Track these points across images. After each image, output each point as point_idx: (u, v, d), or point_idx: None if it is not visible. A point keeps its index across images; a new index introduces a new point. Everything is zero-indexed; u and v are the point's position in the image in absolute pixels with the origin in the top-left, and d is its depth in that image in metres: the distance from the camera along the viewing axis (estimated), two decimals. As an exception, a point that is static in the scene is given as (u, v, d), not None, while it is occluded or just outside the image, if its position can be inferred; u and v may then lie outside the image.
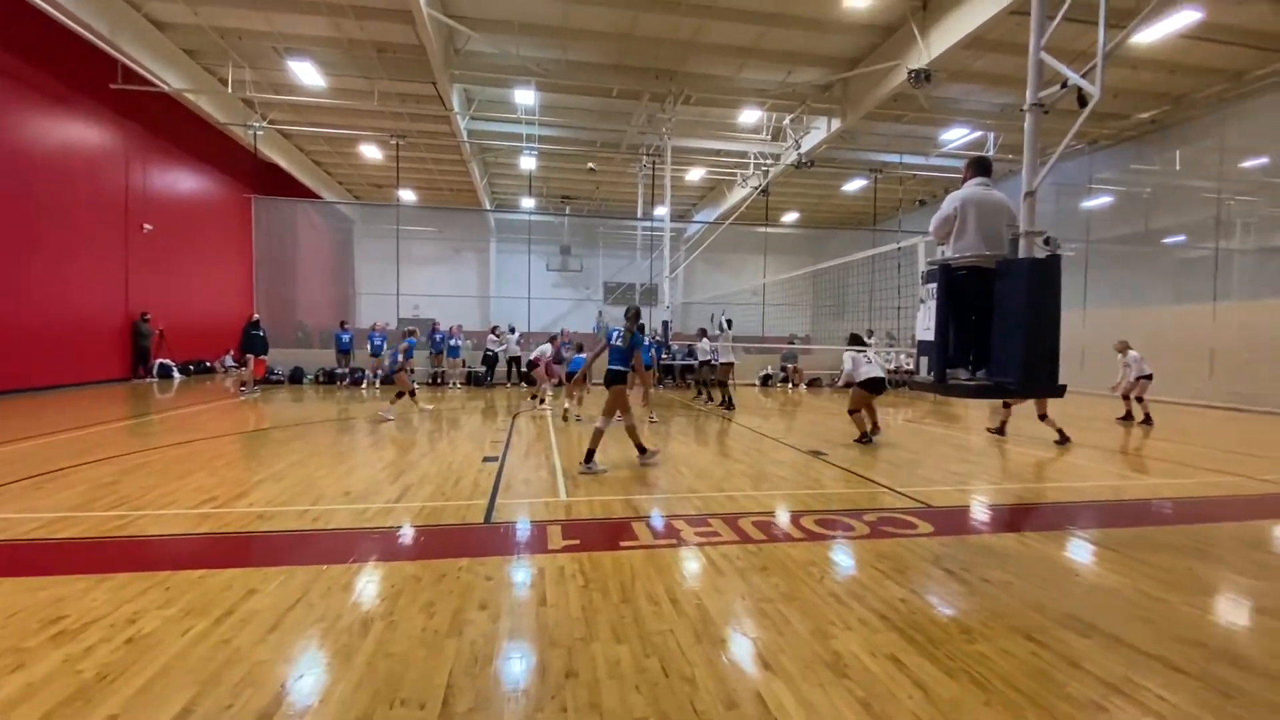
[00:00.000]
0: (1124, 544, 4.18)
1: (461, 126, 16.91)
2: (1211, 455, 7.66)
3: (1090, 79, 3.95)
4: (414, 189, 24.98)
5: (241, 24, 12.98)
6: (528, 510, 4.72)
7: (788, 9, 11.96)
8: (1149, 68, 13.46)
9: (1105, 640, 2.80)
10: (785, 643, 2.71)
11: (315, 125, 18.03)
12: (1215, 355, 14.21)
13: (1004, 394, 3.62)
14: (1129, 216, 17.81)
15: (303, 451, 6.88)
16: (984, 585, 3.40)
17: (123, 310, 14.54)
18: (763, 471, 6.30)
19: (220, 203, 18.91)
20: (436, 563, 3.56)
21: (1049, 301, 3.65)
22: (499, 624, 2.82)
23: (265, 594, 3.09)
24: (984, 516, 4.92)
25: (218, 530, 4.14)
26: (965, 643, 2.75)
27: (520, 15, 12.45)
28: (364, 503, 4.80)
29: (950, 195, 4.06)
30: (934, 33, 11.61)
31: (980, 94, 15.27)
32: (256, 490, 5.15)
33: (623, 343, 6.37)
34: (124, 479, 5.44)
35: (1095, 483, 6.13)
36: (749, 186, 19.46)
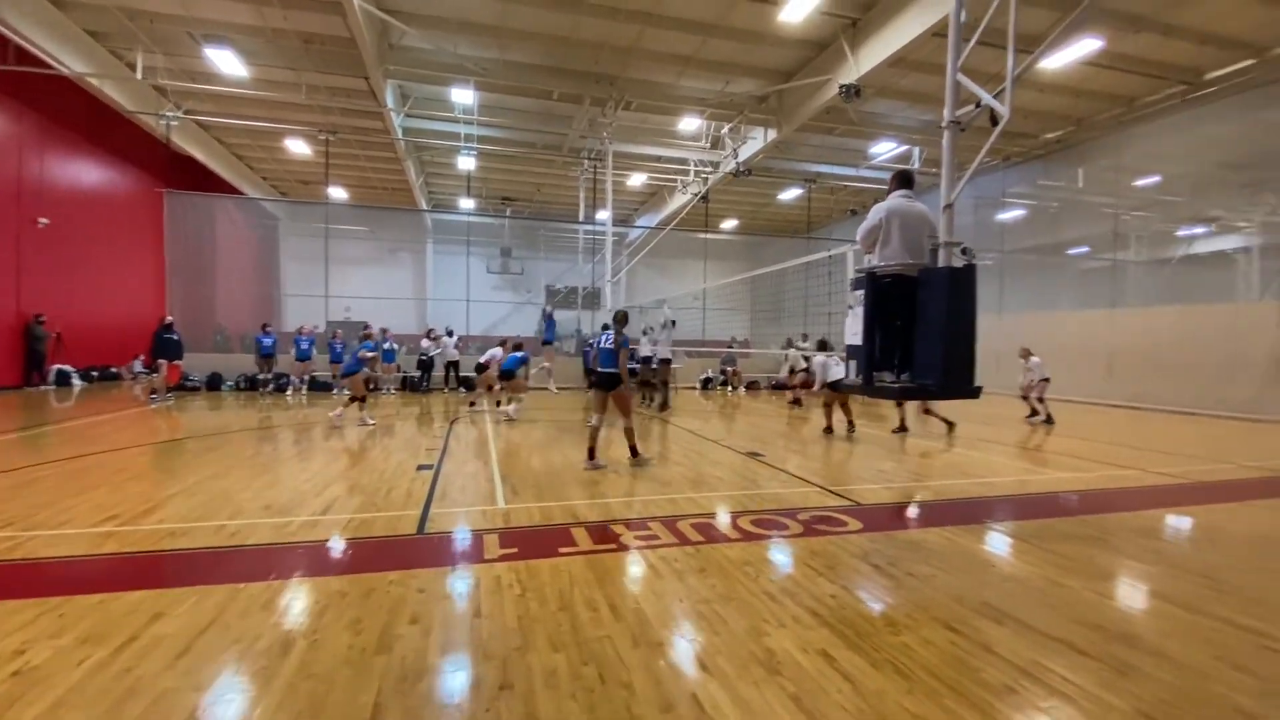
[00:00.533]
0: (1034, 535, 4.47)
1: (396, 124, 16.39)
2: (1111, 451, 8.30)
3: (1001, 100, 4.22)
4: (345, 187, 24.00)
5: (153, 7, 12.13)
6: (464, 519, 4.61)
7: (726, 21, 12.22)
8: (1055, 91, 14.51)
9: (1016, 626, 2.98)
10: (721, 643, 2.75)
11: (237, 117, 17.06)
12: (1114, 358, 15.43)
13: (926, 395, 3.81)
14: (1039, 229, 19.16)
15: (220, 463, 6.47)
16: (908, 579, 3.56)
17: (13, 311, 13.30)
18: (702, 474, 6.38)
19: (129, 197, 17.59)
20: (365, 577, 3.42)
21: (966, 308, 3.87)
22: (430, 638, 2.74)
23: (174, 617, 2.89)
24: (909, 513, 5.15)
25: (121, 550, 3.84)
26: (891, 635, 2.87)
27: (457, 13, 12.20)
28: (287, 516, 4.56)
29: (876, 206, 4.25)
30: (863, 50, 12.13)
31: (905, 110, 16.06)
32: (167, 506, 4.80)
33: (612, 345, 6.62)
34: (13, 497, 4.96)
35: (1009, 478, 6.53)
36: (689, 193, 19.75)
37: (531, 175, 22.47)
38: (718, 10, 11.88)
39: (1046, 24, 10.29)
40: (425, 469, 6.34)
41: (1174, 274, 17.56)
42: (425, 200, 25.06)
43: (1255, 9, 10.93)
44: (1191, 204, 17.44)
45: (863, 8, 11.79)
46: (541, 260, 26.94)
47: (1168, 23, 11.52)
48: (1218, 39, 12.00)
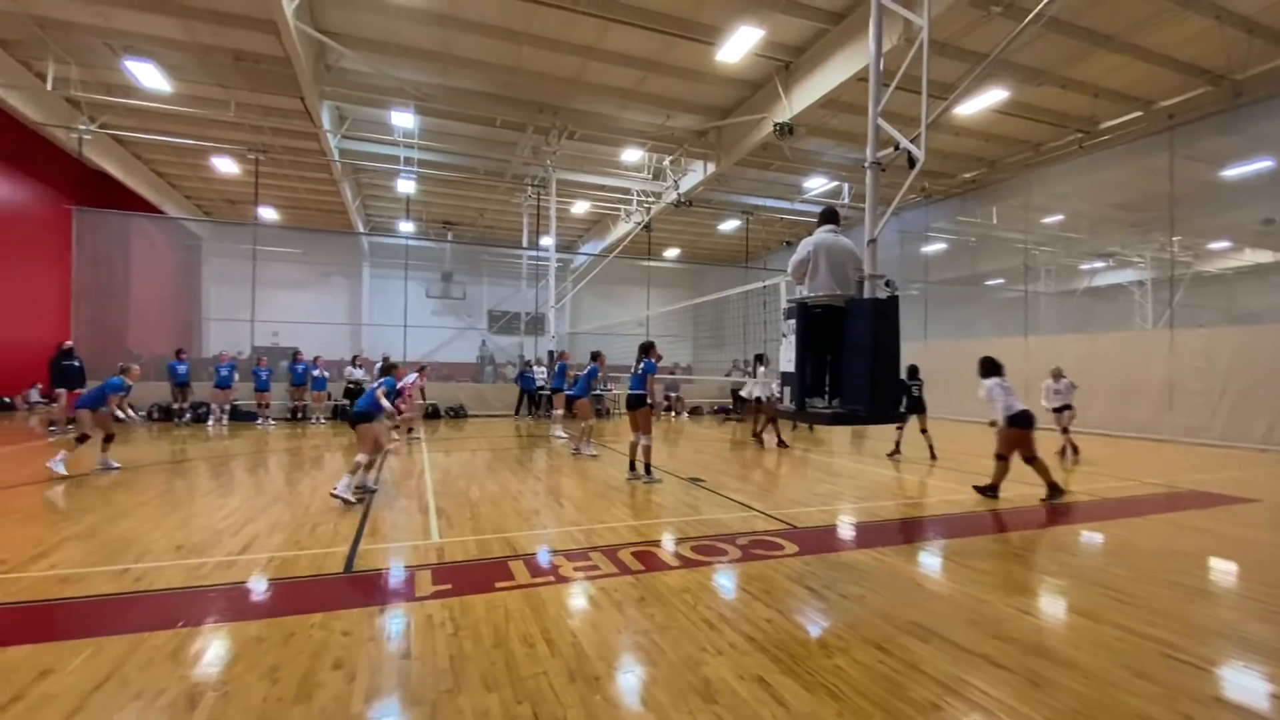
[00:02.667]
0: (958, 553, 4.68)
1: (332, 145, 15.98)
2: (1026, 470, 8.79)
3: (917, 144, 4.52)
4: (276, 207, 23.09)
5: (67, 15, 11.48)
6: (395, 555, 4.43)
7: (666, 58, 12.63)
8: (968, 135, 15.66)
9: (941, 644, 3.10)
10: (658, 674, 2.74)
11: (159, 133, 16.21)
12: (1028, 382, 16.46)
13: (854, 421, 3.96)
14: (959, 261, 20.46)
15: (127, 501, 6.00)
16: (841, 601, 3.65)
17: (-112, 336, 12.03)
18: (643, 501, 6.38)
19: (31, 213, 16.31)
20: (285, 620, 3.23)
21: (890, 337, 4.08)
22: (355, 684, 2.60)
23: (66, 673, 2.64)
24: (844, 534, 5.30)
25: (5, 601, 3.49)
26: (824, 657, 2.93)
27: (397, 37, 12.11)
28: (200, 557, 4.27)
29: (804, 240, 4.44)
30: (795, 91, 12.76)
31: (835, 148, 16.93)
32: (60, 549, 4.41)
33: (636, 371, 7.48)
34: (-125, 544, 4.44)
35: (937, 498, 6.82)
36: (632, 221, 20.06)
37: (474, 200, 22.30)
38: (658, 47, 12.27)
39: (958, 74, 11.14)
40: (355, 504, 6.07)
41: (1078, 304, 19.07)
42: (362, 223, 24.41)
43: (1138, 66, 12.18)
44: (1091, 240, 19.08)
45: (795, 51, 12.44)
46: (484, 285, 26.61)
47: (1065, 76, 12.68)
48: (1109, 92, 13.28)
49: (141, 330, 19.03)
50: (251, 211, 19.88)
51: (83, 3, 11.03)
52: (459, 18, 11.40)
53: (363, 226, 24.68)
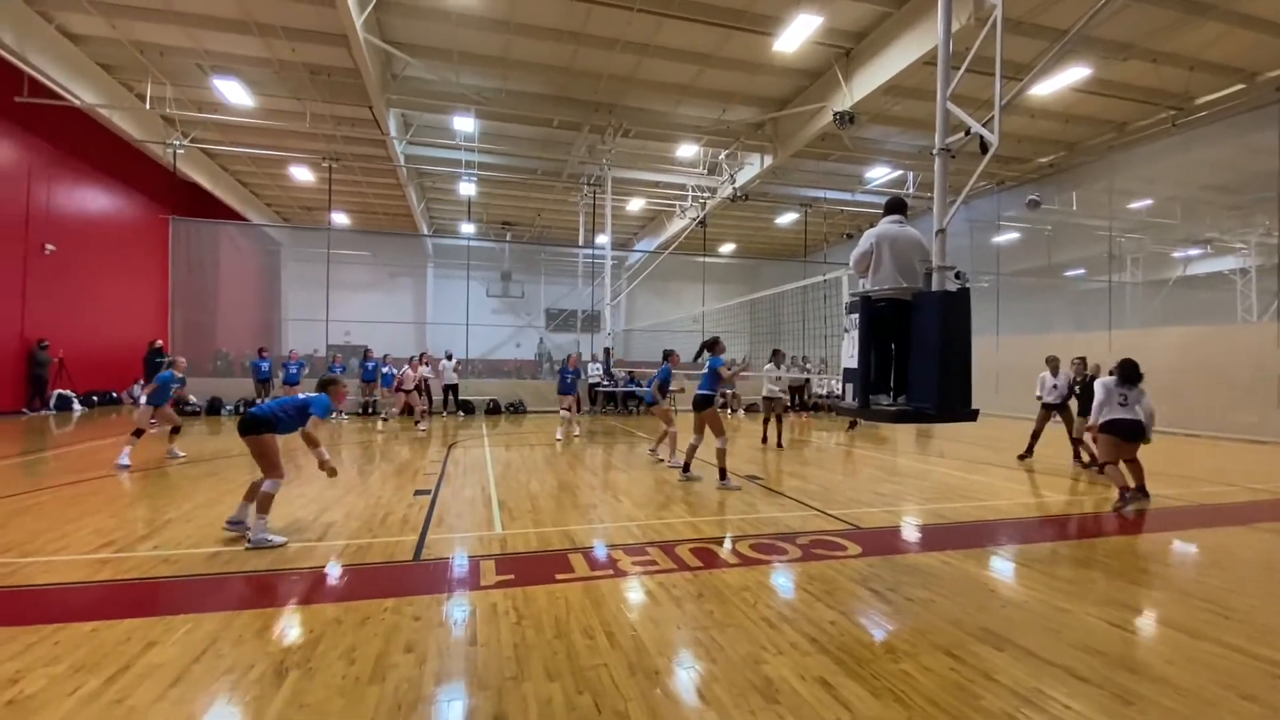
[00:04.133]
0: (1036, 559, 4.44)
1: (398, 151, 16.65)
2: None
3: (990, 127, 4.31)
4: (347, 212, 24.28)
5: (163, 40, 12.44)
6: (461, 545, 4.59)
7: (721, 51, 12.50)
8: (1046, 117, 14.76)
9: (1017, 652, 2.95)
10: (719, 671, 2.72)
11: (242, 145, 17.35)
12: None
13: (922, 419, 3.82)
14: (1034, 251, 19.33)
15: (218, 488, 6.46)
16: (908, 604, 3.53)
17: (17, 336, 13.37)
18: (701, 497, 6.36)
19: (134, 223, 17.79)
20: (361, 604, 3.40)
21: (960, 331, 3.90)
22: (425, 667, 2.71)
23: (167, 645, 2.87)
24: (909, 536, 5.12)
25: (116, 578, 3.82)
26: (890, 662, 2.84)
27: (459, 44, 12.49)
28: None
29: (867, 232, 4.31)
30: (856, 78, 12.38)
31: (899, 136, 16.32)
32: (163, 532, 4.79)
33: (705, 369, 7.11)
34: (10, 523, 4.95)
35: (1011, 501, 6.50)
36: (687, 217, 19.98)
37: (532, 200, 22.75)
38: (714, 41, 12.16)
39: (1034, 53, 10.53)
40: (422, 494, 6.32)
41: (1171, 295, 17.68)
42: (426, 225, 25.32)
43: (1240, 35, 11.17)
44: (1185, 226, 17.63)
45: (855, 38, 12.06)
46: (541, 284, 27.12)
47: (1156, 49, 11.77)
48: (1206, 65, 12.24)
49: (229, 330, 20.40)
50: (325, 217, 20.96)
51: (177, 27, 11.90)
52: (517, 22, 11.65)
53: (427, 229, 25.61)
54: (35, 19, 11.44)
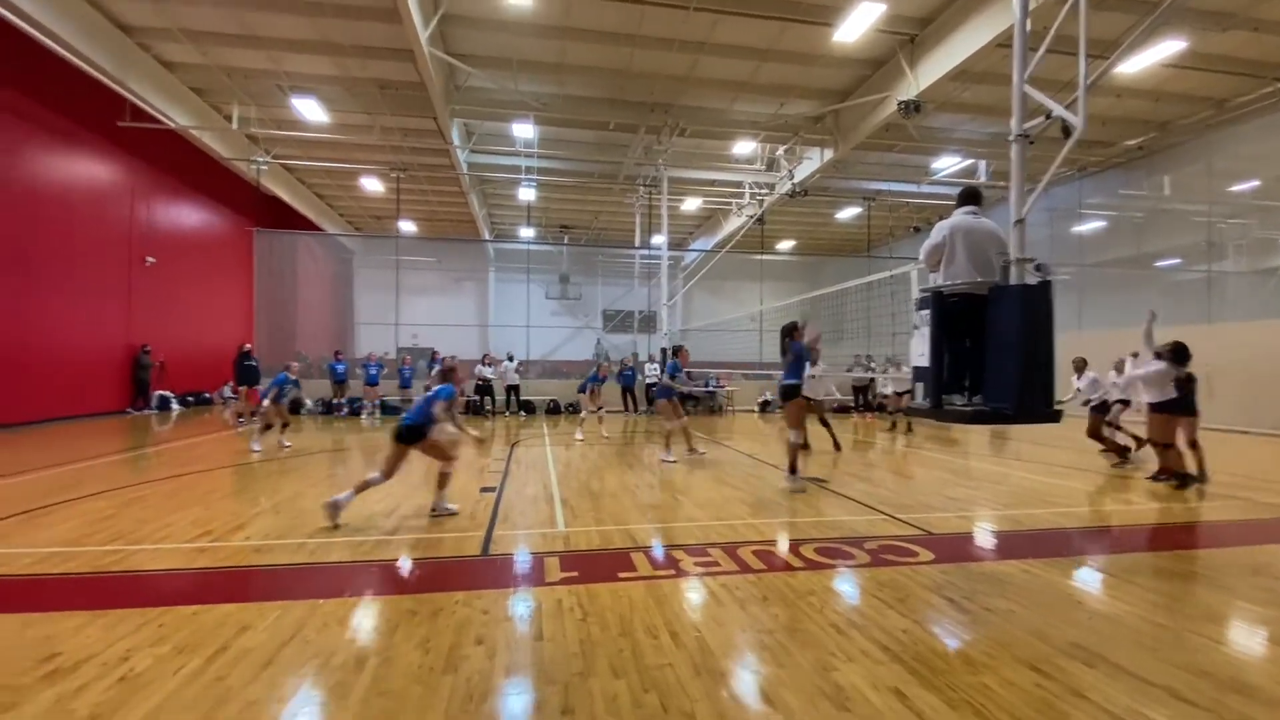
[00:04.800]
0: (1127, 570, 4.14)
1: (461, 159, 17.20)
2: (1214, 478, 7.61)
3: (1073, 110, 4.05)
4: (414, 220, 25.28)
5: (248, 64, 13.31)
6: (525, 541, 4.69)
7: (779, 45, 12.29)
8: (1134, 96, 13.77)
9: (1110, 670, 2.76)
10: (786, 676, 2.67)
11: (317, 159, 18.35)
12: (1212, 377, 14.22)
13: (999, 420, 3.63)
14: (1121, 240, 18.03)
15: (300, 483, 6.85)
16: (986, 614, 3.36)
17: (124, 343, 14.59)
18: (762, 499, 6.26)
19: (222, 235, 19.13)
20: (433, 596, 3.52)
21: (1041, 327, 3.68)
22: (495, 659, 2.78)
23: (259, 630, 3.05)
24: (985, 543, 4.88)
25: (213, 565, 4.11)
26: (968, 674, 2.71)
27: (519, 53, 12.78)
28: (360, 535, 4.77)
29: (939, 224, 4.13)
30: (922, 65, 11.91)
31: (969, 123, 15.59)
32: (253, 523, 5.11)
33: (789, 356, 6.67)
34: (120, 512, 5.40)
35: (1094, 508, 6.09)
36: (745, 215, 19.73)
37: (589, 203, 23.03)
38: (771, 35, 11.96)
39: (1121, 28, 9.82)
40: (488, 491, 6.50)
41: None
42: (488, 230, 26.06)
43: (1362, -2, 10.10)
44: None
45: (920, 23, 11.61)
46: (598, 285, 27.42)
47: (1258, 18, 10.79)
48: (1319, 33, 11.13)
49: (306, 334, 21.62)
50: (394, 225, 21.89)
51: (260, 51, 12.71)
52: (574, 27, 11.82)
53: (488, 234, 26.35)
54: (135, 50, 12.46)
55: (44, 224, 12.17)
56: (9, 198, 11.38)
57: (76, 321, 13.00)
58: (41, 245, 12.11)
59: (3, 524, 5.03)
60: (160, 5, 11.19)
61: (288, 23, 11.76)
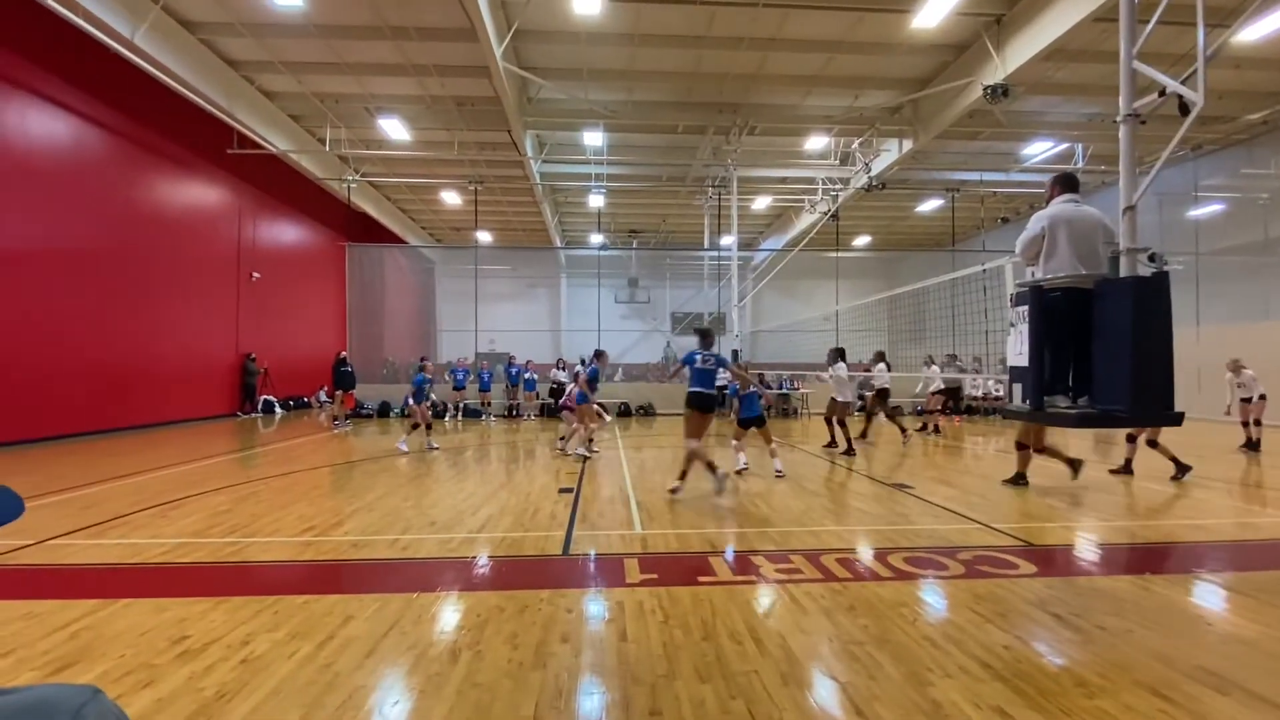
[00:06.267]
0: (1261, 589, 3.73)
1: (534, 170, 17.69)
2: (1367, 489, 6.76)
3: (1191, 84, 3.69)
4: (490, 230, 26.21)
5: (338, 89, 14.24)
6: (604, 542, 4.75)
7: (852, 35, 11.91)
8: (1256, 66, 12.41)
9: (1245, 698, 2.49)
10: (878, 689, 2.57)
11: (401, 175, 19.37)
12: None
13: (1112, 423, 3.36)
14: (1244, 224, 16.25)
15: (392, 482, 7.23)
16: (1099, 633, 3.11)
17: (233, 351, 15.92)
18: (845, 505, 6.07)
19: (317, 250, 20.54)
20: (519, 593, 3.63)
21: (1158, 321, 3.38)
22: (581, 658, 2.83)
23: (362, 620, 3.24)
24: (1094, 556, 4.52)
25: (318, 558, 4.40)
26: (1082, 697, 2.52)
27: (588, 62, 13.02)
28: (448, 533, 4.98)
29: (1036, 214, 3.87)
30: (1010, 47, 11.22)
31: (1064, 105, 14.55)
32: (351, 519, 5.45)
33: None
34: (236, 508, 5.89)
35: (1222, 519, 5.52)
36: (817, 212, 19.21)
37: (657, 207, 23.12)
38: (844, 26, 11.62)
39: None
40: (566, 492, 6.63)
41: None
42: (559, 238, 26.65)
43: None
44: None
45: (1008, 2, 10.96)
46: (666, 288, 27.46)
47: None
48: None
49: (394, 341, 22.84)
50: (472, 235, 22.77)
51: (349, 76, 13.56)
52: (642, 33, 11.93)
53: (560, 241, 26.95)
54: (240, 82, 13.59)
55: (163, 244, 13.47)
56: (134, 221, 12.67)
57: (192, 333, 14.31)
58: (162, 264, 13.41)
59: (137, 516, 5.59)
60: (262, 40, 12.16)
61: (374, 48, 12.50)
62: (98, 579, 4.02)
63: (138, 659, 2.82)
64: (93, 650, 2.91)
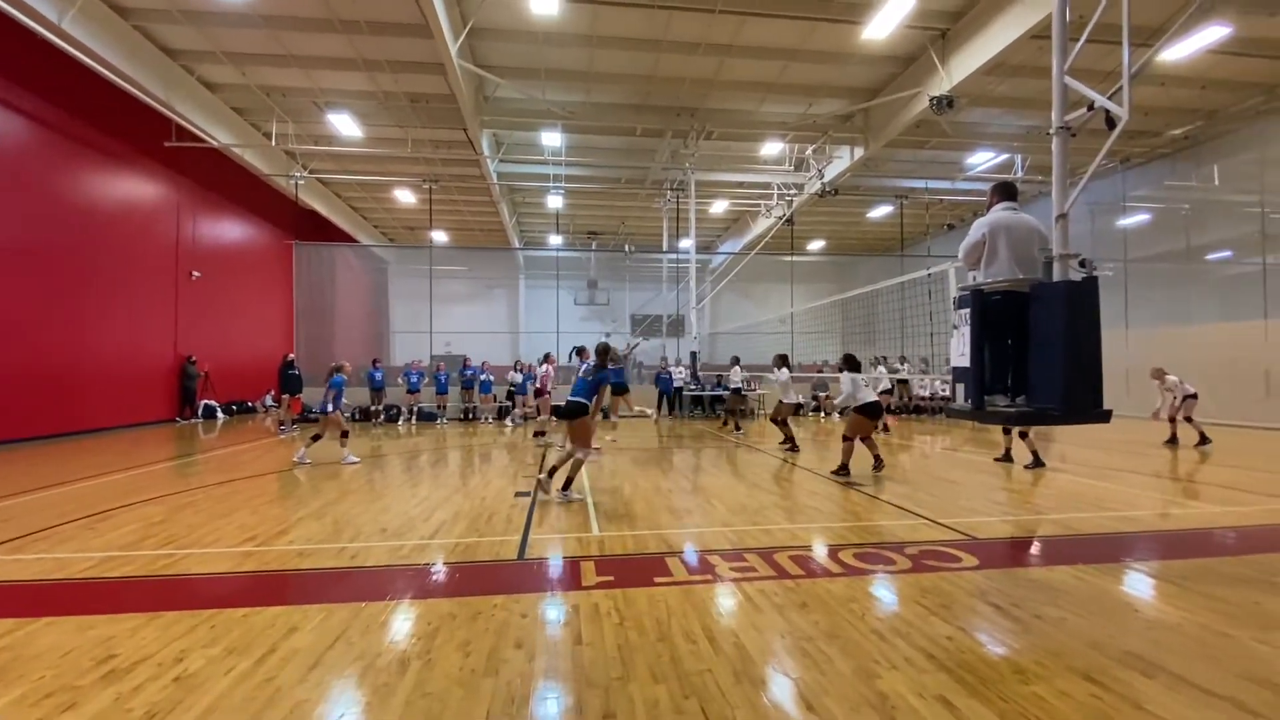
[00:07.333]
0: (1185, 576, 3.97)
1: (491, 169, 17.45)
2: (1273, 480, 7.27)
3: (1117, 100, 3.92)
4: (446, 230, 25.73)
5: (285, 82, 13.75)
6: (561, 546, 4.71)
7: (806, 44, 12.19)
8: (1179, 84, 13.27)
9: (1170, 680, 2.64)
10: (828, 683, 2.63)
11: (352, 173, 18.83)
12: (1270, 375, 13.58)
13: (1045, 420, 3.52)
14: (1168, 234, 17.34)
15: (340, 489, 7.00)
16: (1036, 622, 3.26)
17: (171, 354, 15.16)
18: (798, 504, 6.18)
19: (263, 249, 19.76)
20: (472, 600, 3.56)
21: (1088, 324, 3.56)
22: (535, 663, 2.80)
23: (306, 632, 3.13)
24: (1032, 549, 4.73)
25: (260, 568, 4.23)
26: (1019, 683, 2.63)
27: (546, 62, 12.93)
28: (400, 539, 4.85)
29: (978, 221, 4.04)
30: (954, 60, 11.67)
31: (1004, 117, 15.22)
32: (296, 528, 5.25)
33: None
34: (172, 518, 5.60)
35: (1149, 511, 5.86)
36: (773, 216, 19.56)
37: (616, 209, 23.14)
38: (798, 35, 11.88)
39: (1165, 15, 9.48)
40: (522, 495, 6.55)
41: (1343, 277, 15.31)
42: (517, 239, 26.36)
43: None
44: (1361, 197, 15.24)
45: (952, 17, 11.39)
46: (626, 290, 27.48)
47: (1314, -1, 10.30)
48: (1380, 11, 10.57)
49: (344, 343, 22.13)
50: (426, 235, 22.33)
51: (297, 69, 13.12)
52: (600, 35, 11.92)
53: (518, 242, 26.67)
54: (180, 72, 12.98)
55: (97, 242, 12.74)
56: (63, 217, 11.94)
57: (128, 335, 13.57)
58: (95, 262, 12.68)
59: (63, 529, 5.26)
60: (203, 29, 11.64)
61: (323, 41, 12.12)
62: (16, 597, 3.77)
63: (59, 680, 2.65)
64: (9, 672, 2.72)
